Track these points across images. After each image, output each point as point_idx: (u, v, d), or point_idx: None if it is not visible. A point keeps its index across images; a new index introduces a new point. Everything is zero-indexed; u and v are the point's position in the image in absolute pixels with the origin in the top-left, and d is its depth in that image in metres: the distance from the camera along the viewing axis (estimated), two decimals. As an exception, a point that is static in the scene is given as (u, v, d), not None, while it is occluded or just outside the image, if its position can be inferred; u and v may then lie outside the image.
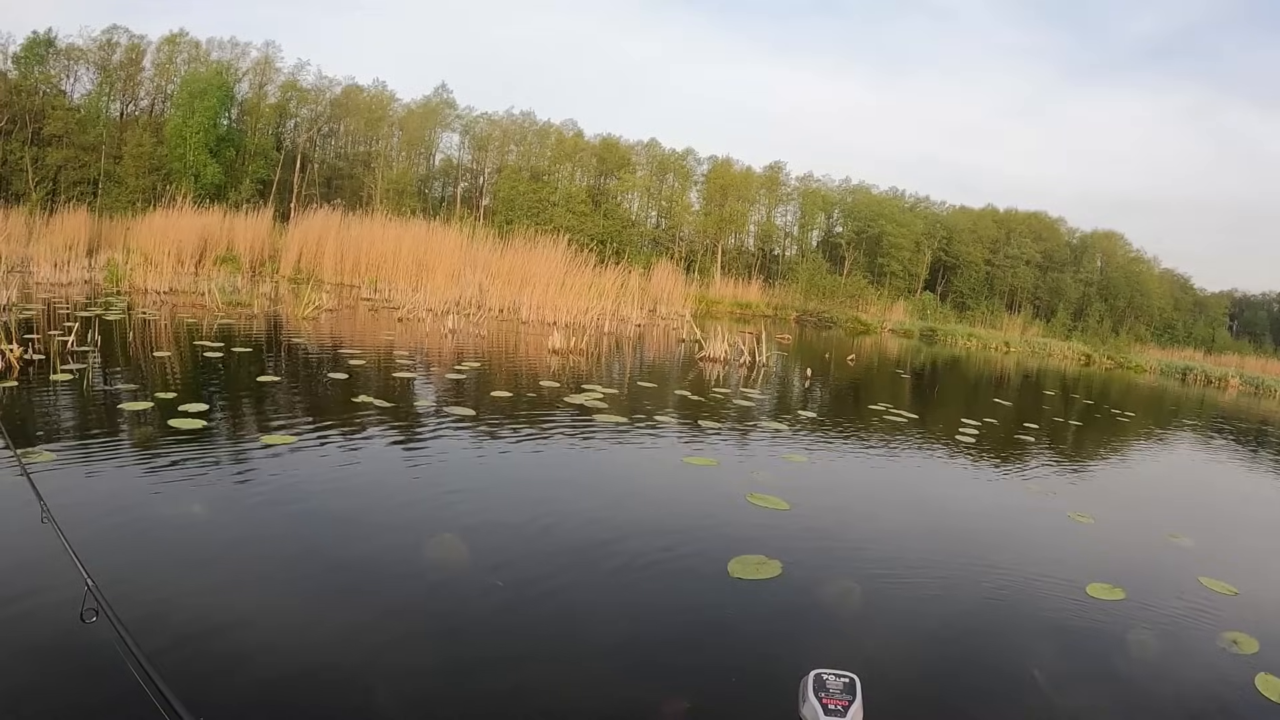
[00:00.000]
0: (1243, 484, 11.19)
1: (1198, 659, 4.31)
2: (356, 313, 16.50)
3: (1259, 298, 65.83)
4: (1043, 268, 53.34)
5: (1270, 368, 45.27)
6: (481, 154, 47.07)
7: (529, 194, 42.64)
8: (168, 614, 3.23)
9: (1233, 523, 8.30)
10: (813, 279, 46.40)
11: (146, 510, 4.27)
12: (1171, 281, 58.10)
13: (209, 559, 3.80)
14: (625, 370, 13.06)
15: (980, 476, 8.44)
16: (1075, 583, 5.03)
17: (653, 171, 49.58)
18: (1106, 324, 49.81)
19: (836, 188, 53.13)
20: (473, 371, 10.28)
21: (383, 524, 4.49)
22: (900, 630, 4.11)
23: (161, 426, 5.80)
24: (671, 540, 4.82)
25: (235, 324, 12.12)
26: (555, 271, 20.89)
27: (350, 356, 10.11)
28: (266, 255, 23.03)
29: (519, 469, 6.14)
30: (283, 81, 40.75)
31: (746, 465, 7.06)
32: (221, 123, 36.24)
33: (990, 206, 54.94)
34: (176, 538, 3.97)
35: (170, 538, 3.96)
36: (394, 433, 6.56)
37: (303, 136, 41.41)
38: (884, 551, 5.29)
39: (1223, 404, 25.55)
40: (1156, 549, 6.44)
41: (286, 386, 8.16)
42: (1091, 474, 9.86)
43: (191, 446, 5.39)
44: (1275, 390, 34.03)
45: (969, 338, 37.92)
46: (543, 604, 3.77)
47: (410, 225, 23.52)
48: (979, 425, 11.22)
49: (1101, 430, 14.01)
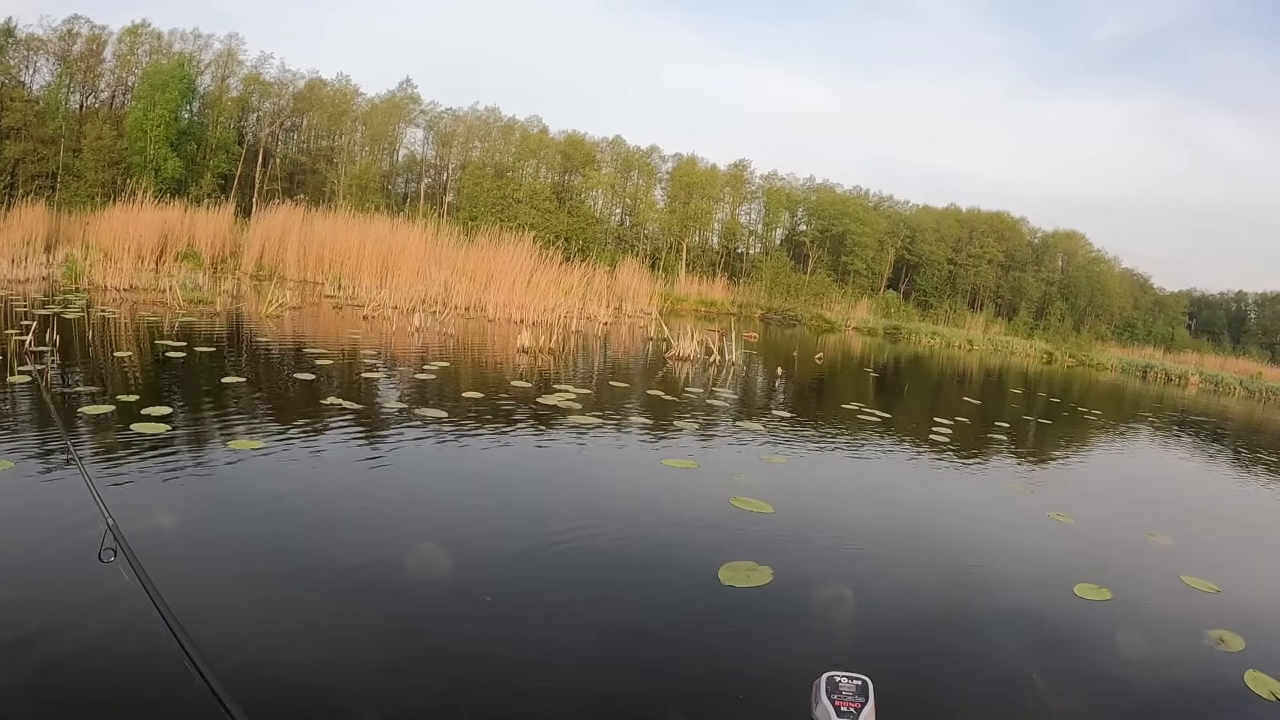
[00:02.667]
0: (1212, 481, 11.34)
1: (1188, 658, 4.31)
2: (321, 310, 16.22)
3: (1217, 297, 67.33)
4: (1005, 267, 54.02)
5: (1229, 365, 46.32)
6: (445, 150, 46.65)
7: (493, 190, 42.31)
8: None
9: (1207, 520, 8.36)
10: (777, 277, 46.62)
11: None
12: (1131, 281, 59.17)
13: (175, 576, 3.60)
14: (595, 369, 12.94)
15: (958, 476, 8.42)
16: (1063, 584, 5.01)
17: (617, 169, 49.44)
18: (1068, 322, 50.59)
19: (801, 186, 53.33)
20: (442, 371, 10.09)
21: (359, 536, 4.29)
22: (897, 636, 4.04)
23: (124, 431, 5.57)
24: (659, 547, 4.72)
25: (197, 322, 11.82)
26: (521, 269, 20.74)
27: (316, 356, 9.89)
28: (228, 251, 22.60)
29: (496, 474, 5.98)
30: (245, 74, 40.05)
31: (726, 467, 6.96)
32: (183, 116, 35.52)
33: (953, 206, 55.56)
34: (142, 553, 3.76)
35: (136, 548, 3.77)
36: (365, 437, 6.37)
37: (265, 130, 40.75)
38: (872, 555, 5.22)
39: (1184, 401, 25.97)
40: (1137, 548, 6.45)
41: (252, 388, 7.92)
42: (1066, 472, 9.92)
43: (155, 453, 5.15)
44: (1234, 387, 34.80)
45: (933, 336, 38.26)
46: (534, 619, 3.63)
47: (374, 221, 23.21)
48: (951, 424, 11.24)
49: (1070, 428, 14.13)
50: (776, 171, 53.52)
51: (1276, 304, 63.79)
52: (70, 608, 3.17)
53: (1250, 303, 66.47)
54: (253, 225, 23.10)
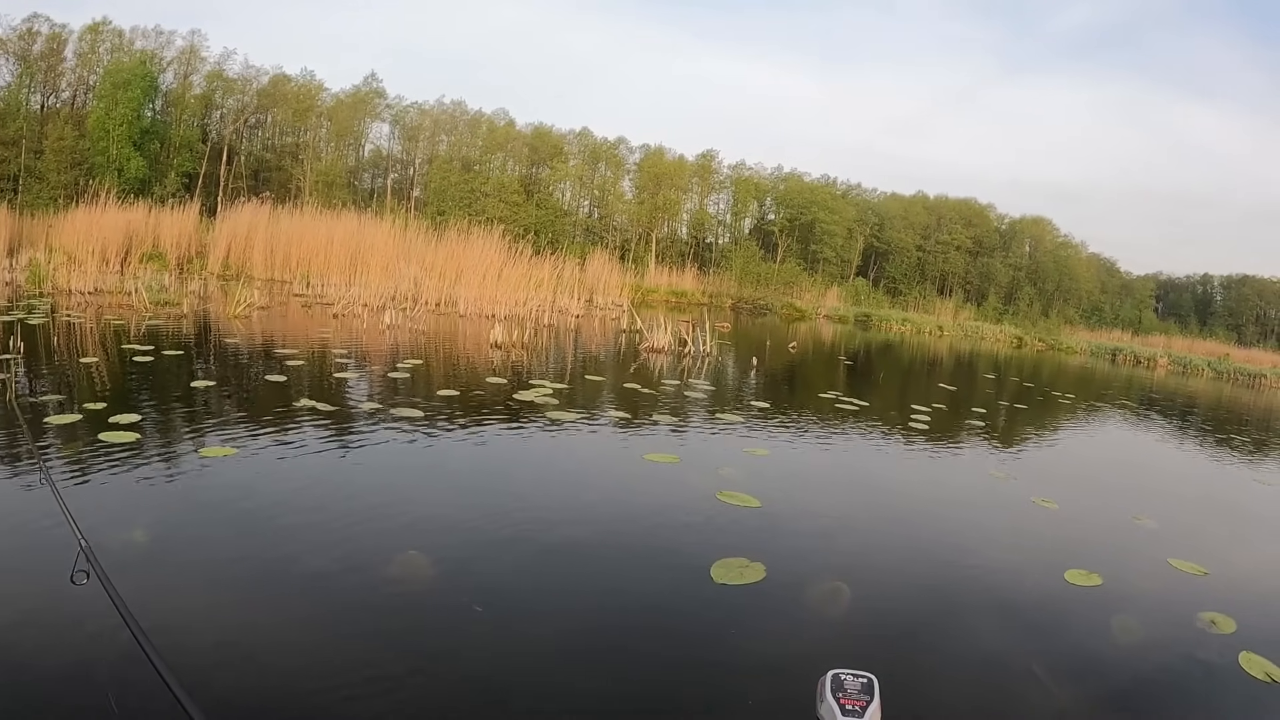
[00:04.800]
0: (1190, 463, 11.47)
1: (1181, 641, 4.30)
2: (289, 309, 15.95)
3: (1183, 280, 68.39)
4: (973, 253, 54.47)
5: (1196, 347, 47.14)
6: (412, 144, 46.21)
7: (461, 185, 41.96)
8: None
9: (1188, 502, 8.43)
10: (747, 266, 46.69)
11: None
12: (1099, 265, 59.92)
13: (148, 591, 3.45)
14: (570, 364, 12.83)
15: (940, 464, 8.41)
16: (1053, 570, 5.00)
17: (585, 160, 49.24)
18: (1036, 307, 51.14)
19: (769, 176, 53.40)
20: (415, 369, 9.93)
21: (339, 543, 4.13)
22: (895, 629, 3.98)
23: (92, 441, 5.37)
24: (648, 547, 4.63)
25: (164, 325, 11.56)
26: (491, 263, 20.55)
27: (287, 356, 9.69)
28: (194, 251, 22.13)
29: (476, 474, 5.86)
30: (208, 71, 39.37)
31: (709, 460, 6.88)
32: (146, 114, 34.81)
33: (921, 194, 55.91)
34: (115, 567, 3.60)
35: (108, 567, 3.60)
36: (340, 439, 6.22)
37: (229, 128, 40.12)
38: (863, 548, 5.17)
39: (1154, 383, 26.31)
40: (1123, 532, 6.45)
41: (222, 391, 7.72)
42: (1045, 457, 9.96)
43: (126, 462, 4.96)
44: (1202, 369, 35.36)
45: (903, 322, 38.51)
46: (524, 624, 3.52)
47: (342, 218, 22.86)
48: (929, 411, 11.25)
49: (1046, 412, 14.21)
50: (744, 161, 53.61)
51: (1242, 286, 64.87)
52: (42, 631, 3.04)
53: (1216, 285, 67.56)
54: (218, 224, 22.65)
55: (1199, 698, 3.71)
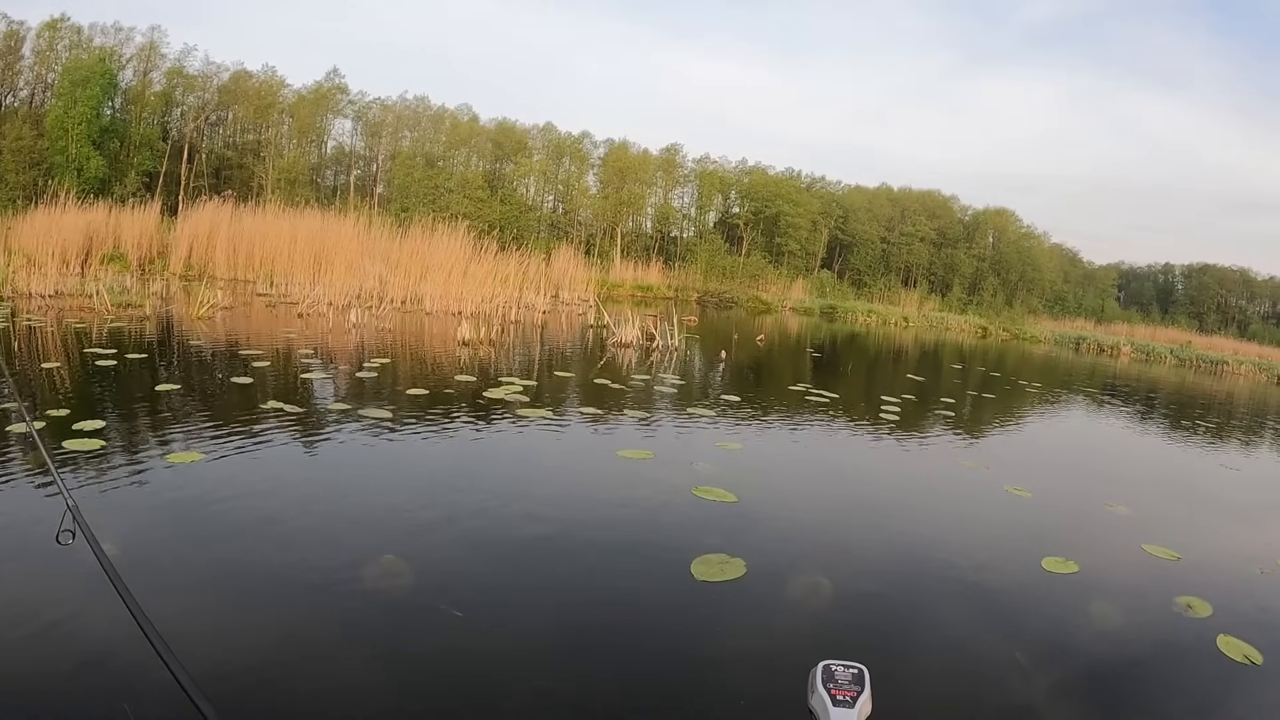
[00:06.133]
0: (1158, 449, 11.64)
1: (1160, 626, 4.33)
2: (253, 310, 15.68)
3: (1145, 269, 69.64)
4: (937, 244, 54.87)
5: (1159, 335, 48.07)
6: (375, 140, 45.59)
7: (424, 181, 41.54)
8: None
9: (1159, 488, 8.52)
10: (712, 260, 46.72)
11: (46, 550, 3.73)
12: (1061, 255, 60.72)
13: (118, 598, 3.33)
14: (538, 360, 12.72)
15: (913, 454, 8.43)
16: (1031, 558, 5.02)
17: (549, 155, 48.97)
18: (1000, 297, 51.69)
19: (733, 169, 53.39)
20: (383, 368, 9.76)
21: (314, 549, 4.01)
22: (878, 620, 3.96)
23: (55, 449, 5.16)
24: (626, 543, 4.55)
25: (127, 327, 11.28)
26: (457, 260, 20.35)
27: (252, 358, 9.49)
28: (155, 252, 21.67)
29: (449, 474, 5.74)
30: (168, 68, 38.34)
31: (682, 455, 6.82)
32: (105, 113, 33.98)
33: (885, 186, 56.22)
34: (83, 581, 3.47)
35: (80, 583, 3.47)
36: (309, 442, 6.08)
37: (189, 125, 39.27)
38: (840, 540, 5.15)
39: (1118, 370, 26.68)
40: (1096, 519, 6.49)
41: (187, 395, 7.51)
42: (1016, 445, 10.04)
43: (91, 471, 4.78)
44: (1165, 356, 35.98)
45: (869, 314, 38.70)
46: (507, 628, 3.43)
47: (305, 216, 22.48)
48: (899, 402, 11.29)
49: (1013, 401, 14.33)
50: (709, 155, 53.50)
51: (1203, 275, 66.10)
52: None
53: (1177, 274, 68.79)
54: (180, 224, 22.20)
55: (1181, 681, 3.73)
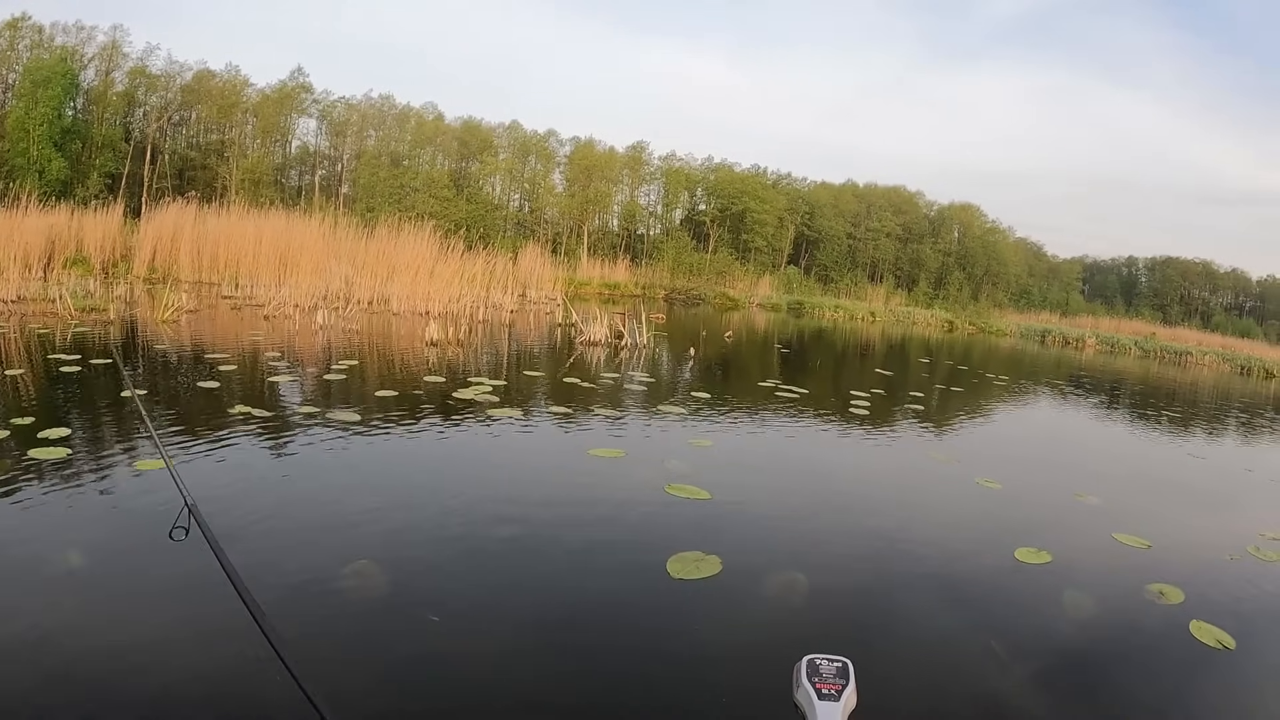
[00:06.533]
0: (1124, 439, 11.79)
1: (1133, 613, 4.36)
2: (219, 312, 15.43)
3: (1108, 262, 70.64)
4: (903, 239, 55.31)
5: (1123, 327, 48.75)
6: (339, 140, 45.06)
7: (390, 180, 41.20)
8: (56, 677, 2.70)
9: (1127, 477, 8.61)
10: (679, 257, 46.77)
11: (11, 562, 3.61)
12: (1026, 249, 61.45)
13: (90, 611, 3.23)
14: (507, 359, 12.63)
15: (883, 449, 8.45)
16: (1004, 549, 5.05)
17: (515, 154, 48.76)
18: (966, 291, 52.16)
19: (699, 166, 53.49)
20: (351, 370, 9.63)
21: (287, 555, 3.91)
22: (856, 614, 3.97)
23: (20, 458, 5.01)
24: (602, 543, 4.51)
25: (91, 332, 11.03)
26: (424, 260, 20.18)
27: (219, 361, 9.32)
28: (119, 255, 21.22)
29: (421, 476, 5.65)
30: (131, 67, 37.60)
31: (654, 453, 6.78)
32: (66, 113, 33.28)
33: (851, 182, 56.55)
34: (52, 592, 3.37)
35: (45, 592, 3.36)
36: (278, 446, 5.95)
37: (152, 126, 38.55)
38: (814, 535, 5.12)
39: (1083, 363, 26.99)
40: (1067, 509, 6.55)
41: (154, 400, 7.36)
42: (984, 438, 10.10)
43: (58, 481, 4.63)
44: (1129, 348, 36.52)
45: (835, 309, 38.91)
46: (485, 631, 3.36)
47: (270, 216, 22.16)
48: (868, 397, 11.32)
49: (981, 394, 14.43)
50: (675, 152, 53.51)
51: (1166, 267, 67.15)
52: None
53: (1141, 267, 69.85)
54: (143, 226, 21.79)
55: (1156, 667, 3.76)
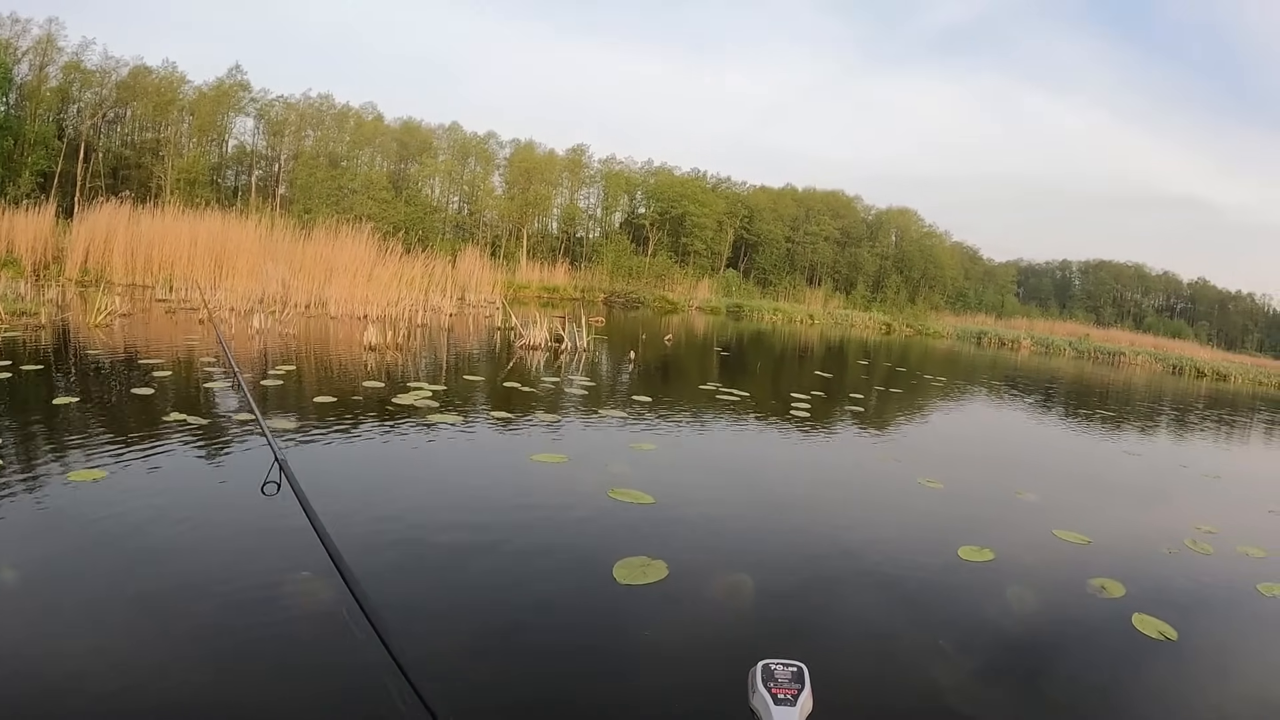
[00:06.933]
0: (1061, 437, 12.04)
1: (1076, 608, 4.43)
2: (152, 316, 14.95)
3: (1043, 266, 72.59)
4: (841, 243, 56.11)
5: (1057, 328, 50.07)
6: (277, 139, 44.25)
7: (328, 181, 40.58)
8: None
9: (1064, 475, 8.76)
10: (618, 260, 46.84)
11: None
12: (962, 253, 62.78)
13: (27, 629, 3.05)
14: (446, 364, 12.45)
15: (825, 450, 8.49)
16: (947, 548, 5.07)
17: (455, 156, 48.42)
18: (903, 294, 53.05)
19: (639, 170, 53.75)
20: (288, 375, 9.38)
21: (226, 568, 3.74)
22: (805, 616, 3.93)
23: None
24: (546, 549, 4.40)
25: (21, 336, 10.58)
26: (362, 263, 19.86)
27: (153, 367, 8.99)
28: (50, 256, 20.52)
29: (360, 484, 5.46)
30: (65, 62, 36.50)
31: (596, 458, 6.70)
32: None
33: (790, 186, 57.24)
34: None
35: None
36: (214, 455, 5.73)
37: (86, 123, 37.40)
38: (758, 537, 5.10)
39: (1019, 363, 27.60)
40: (1007, 507, 6.64)
41: (87, 408, 7.00)
42: (924, 438, 10.20)
43: None
44: (1064, 349, 37.53)
45: (774, 312, 39.27)
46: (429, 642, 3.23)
47: (205, 217, 21.57)
48: (808, 399, 11.39)
49: (920, 395, 14.62)
50: (615, 155, 53.95)
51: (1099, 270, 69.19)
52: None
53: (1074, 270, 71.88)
54: (75, 227, 21.05)
55: (1100, 659, 3.78)
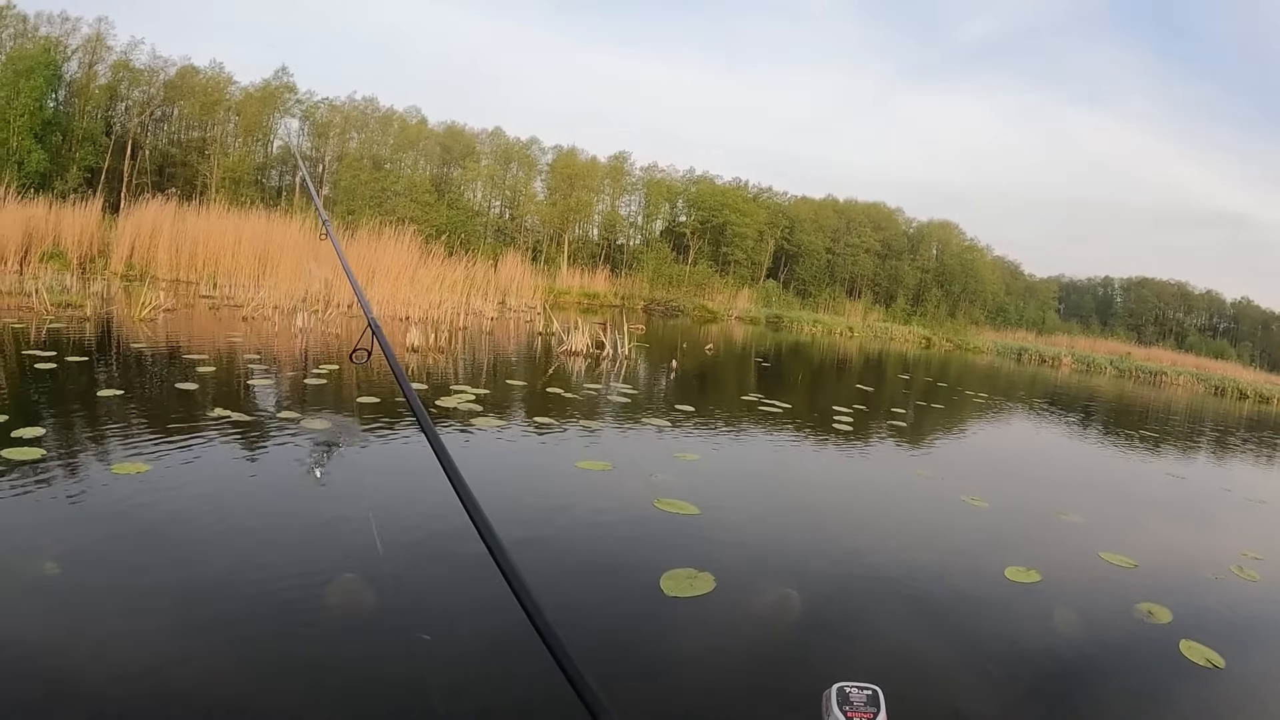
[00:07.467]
0: (1104, 457, 11.90)
1: (1123, 633, 4.36)
2: (196, 312, 15.25)
3: (1085, 282, 71.51)
4: (882, 255, 55.74)
5: (1099, 346, 49.35)
6: (322, 141, 44.93)
7: (371, 183, 41.08)
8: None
9: (1109, 497, 8.65)
10: (659, 268, 46.95)
11: None
12: (1003, 268, 62.17)
13: (66, 623, 3.11)
14: (488, 367, 12.55)
15: (867, 464, 8.46)
16: (993, 567, 5.04)
17: (497, 160, 48.77)
18: (943, 308, 52.63)
19: (680, 178, 53.75)
20: (331, 375, 9.55)
21: (270, 571, 3.78)
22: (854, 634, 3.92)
23: None
24: (593, 559, 4.44)
25: (66, 328, 10.84)
26: (405, 264, 20.07)
27: (197, 362, 9.19)
28: (96, 250, 20.99)
29: (403, 487, 5.53)
30: (114, 60, 37.54)
31: (641, 467, 6.72)
32: (48, 105, 33.03)
33: (831, 197, 57.06)
34: (28, 604, 3.26)
35: (20, 603, 3.22)
36: (258, 452, 5.83)
37: (134, 121, 38.35)
38: (804, 551, 5.10)
39: (1059, 381, 27.26)
40: (1052, 528, 6.56)
41: (131, 401, 7.17)
42: (967, 455, 10.12)
43: (31, 484, 4.49)
44: (1105, 367, 36.96)
45: (814, 324, 39.11)
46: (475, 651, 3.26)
47: (250, 216, 22.03)
48: (850, 412, 11.34)
49: (961, 410, 14.51)
50: (656, 163, 53.87)
51: (1141, 288, 68.02)
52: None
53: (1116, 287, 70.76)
54: (121, 222, 21.58)
55: (1148, 687, 3.75)
